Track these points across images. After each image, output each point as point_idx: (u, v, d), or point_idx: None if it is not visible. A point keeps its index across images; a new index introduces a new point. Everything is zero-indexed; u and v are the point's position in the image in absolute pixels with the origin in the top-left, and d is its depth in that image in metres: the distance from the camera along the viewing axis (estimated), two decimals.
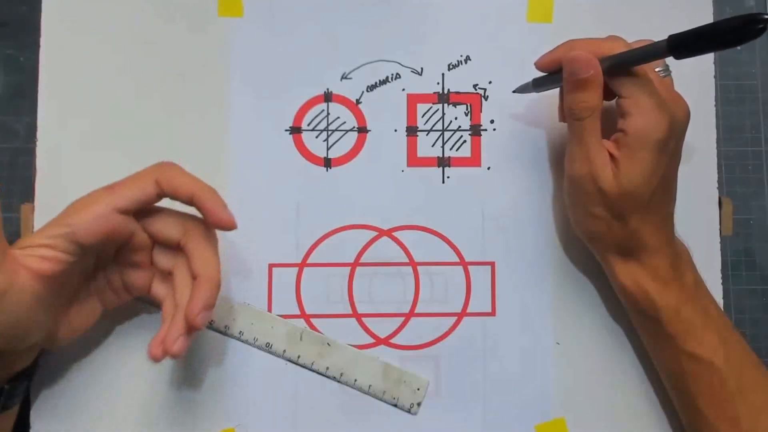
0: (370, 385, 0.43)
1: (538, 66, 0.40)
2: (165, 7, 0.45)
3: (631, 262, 0.39)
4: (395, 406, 0.43)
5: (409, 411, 0.43)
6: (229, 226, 0.37)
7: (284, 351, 0.43)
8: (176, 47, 0.44)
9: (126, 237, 0.37)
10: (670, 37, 0.33)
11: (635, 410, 0.43)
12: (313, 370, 0.43)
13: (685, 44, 0.33)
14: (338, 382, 0.43)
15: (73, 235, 0.34)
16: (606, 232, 0.38)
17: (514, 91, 0.43)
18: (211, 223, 0.37)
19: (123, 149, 0.44)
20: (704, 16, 0.45)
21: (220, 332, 0.43)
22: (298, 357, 0.43)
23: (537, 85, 0.41)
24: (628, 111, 0.36)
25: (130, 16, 0.44)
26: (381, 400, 0.43)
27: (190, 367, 0.43)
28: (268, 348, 0.43)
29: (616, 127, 0.37)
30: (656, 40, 0.46)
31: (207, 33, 0.45)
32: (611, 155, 0.37)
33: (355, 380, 0.43)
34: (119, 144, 0.44)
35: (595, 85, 0.37)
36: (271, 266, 0.44)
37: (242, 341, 0.43)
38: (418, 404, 0.43)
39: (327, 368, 0.43)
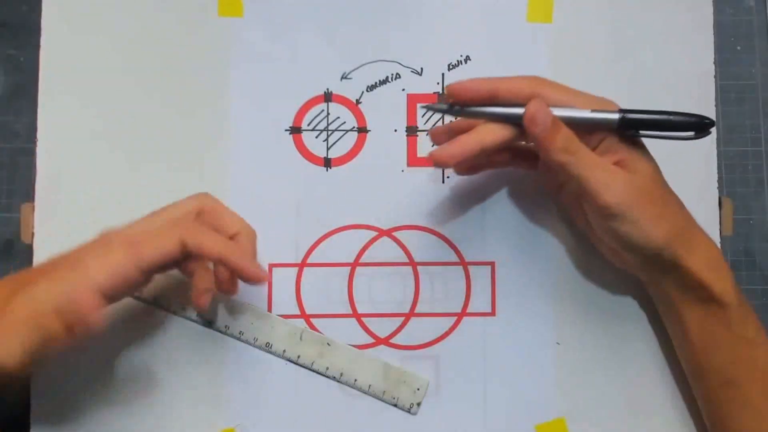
0: (370, 385, 0.43)
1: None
2: (165, 7, 0.45)
3: (694, 255, 0.38)
4: (395, 406, 0.43)
5: (409, 411, 0.43)
6: (261, 280, 0.37)
7: (284, 351, 0.43)
8: (176, 47, 0.44)
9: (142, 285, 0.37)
10: (622, 116, 0.35)
11: (635, 410, 0.43)
12: (313, 370, 0.43)
13: (634, 125, 0.35)
14: (338, 382, 0.43)
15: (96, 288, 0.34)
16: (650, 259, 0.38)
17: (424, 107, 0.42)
18: (243, 280, 0.37)
19: (123, 149, 0.44)
20: (704, 16, 0.45)
21: (220, 332, 0.43)
22: (298, 357, 0.43)
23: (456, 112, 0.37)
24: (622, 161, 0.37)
25: (129, 16, 0.45)
26: (381, 400, 0.43)
27: (190, 367, 0.43)
28: (268, 348, 0.43)
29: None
30: (655, 40, 0.46)
31: (207, 33, 0.45)
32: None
33: (355, 380, 0.43)
34: (119, 144, 0.44)
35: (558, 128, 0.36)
36: (271, 266, 0.44)
37: (242, 341, 0.43)
38: (418, 404, 0.43)
39: (327, 368, 0.43)
